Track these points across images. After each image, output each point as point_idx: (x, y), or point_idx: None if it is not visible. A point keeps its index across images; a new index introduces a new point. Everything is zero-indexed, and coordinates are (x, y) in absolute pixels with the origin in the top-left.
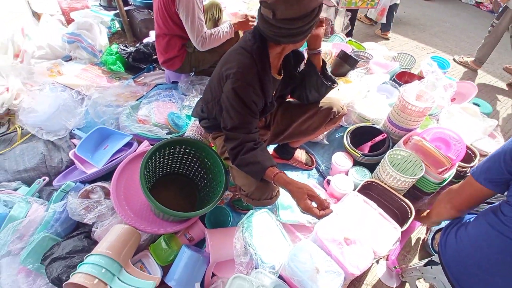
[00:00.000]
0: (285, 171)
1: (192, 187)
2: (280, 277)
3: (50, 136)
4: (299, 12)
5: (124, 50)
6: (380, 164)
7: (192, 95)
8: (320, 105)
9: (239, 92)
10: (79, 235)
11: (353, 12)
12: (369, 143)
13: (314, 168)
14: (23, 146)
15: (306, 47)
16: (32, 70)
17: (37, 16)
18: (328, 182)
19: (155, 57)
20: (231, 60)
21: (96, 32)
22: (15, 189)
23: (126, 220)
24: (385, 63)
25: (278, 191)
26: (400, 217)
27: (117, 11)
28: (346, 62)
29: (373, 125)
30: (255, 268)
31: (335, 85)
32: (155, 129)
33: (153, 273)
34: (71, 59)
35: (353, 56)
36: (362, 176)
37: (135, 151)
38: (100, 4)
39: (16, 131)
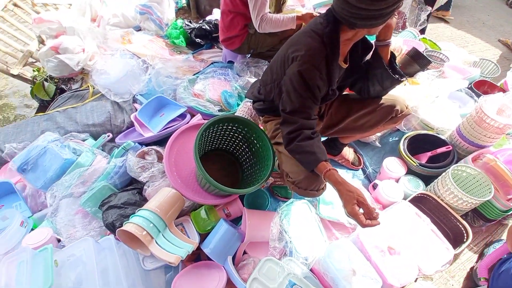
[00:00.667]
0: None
1: (235, 166)
2: (311, 271)
3: (117, 98)
4: None
5: (188, 25)
6: (440, 178)
7: (246, 77)
8: (381, 101)
9: (304, 75)
10: (132, 190)
11: (431, 5)
12: (429, 154)
13: (360, 169)
14: (93, 103)
15: (374, 39)
16: (107, 35)
17: None
18: (374, 186)
19: (215, 35)
20: (299, 43)
21: (165, 6)
22: (83, 140)
23: (174, 185)
24: (463, 68)
25: (325, 184)
26: (452, 238)
27: None
28: (416, 61)
29: (437, 135)
30: (287, 256)
31: (403, 79)
32: (208, 104)
33: (192, 238)
34: (140, 30)
35: (426, 56)
36: (415, 186)
37: (187, 122)
38: None
39: (88, 89)
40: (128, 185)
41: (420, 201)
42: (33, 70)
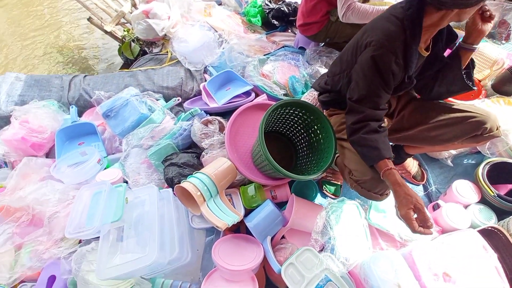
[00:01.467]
0: None
1: (290, 151)
2: (348, 273)
3: (191, 66)
4: None
5: (267, 5)
6: None
7: (316, 65)
8: (468, 113)
9: (378, 60)
10: (192, 153)
11: None
12: (511, 186)
13: (421, 185)
14: (169, 68)
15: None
16: (191, 6)
17: None
18: (435, 207)
19: (292, 18)
20: (375, 28)
21: None
22: (157, 99)
23: (231, 157)
24: None
25: (390, 190)
26: None
27: None
28: None
29: None
30: (327, 252)
31: (474, 88)
32: (274, 86)
33: (238, 210)
34: (220, 4)
35: None
36: (486, 218)
37: (251, 100)
38: None
39: (167, 54)
40: (188, 148)
41: (488, 235)
42: (124, 30)
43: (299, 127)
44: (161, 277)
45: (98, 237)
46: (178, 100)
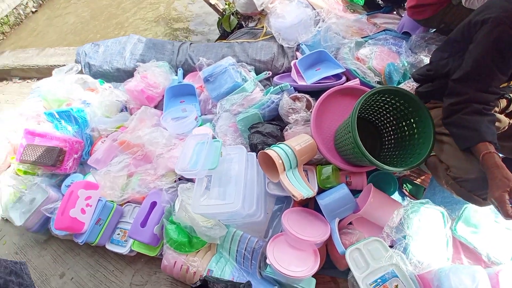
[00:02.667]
0: None
1: (375, 141)
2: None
3: (284, 42)
4: None
5: None
6: None
7: (421, 54)
8: None
9: (496, 37)
10: (276, 126)
11: None
12: None
13: None
14: (263, 42)
15: None
16: None
17: None
18: None
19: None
20: (491, 6)
21: None
22: (249, 71)
23: (314, 135)
24: None
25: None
26: None
27: None
28: None
29: None
30: (397, 249)
31: None
32: (368, 72)
33: (312, 186)
34: None
35: None
36: None
37: (342, 84)
38: None
39: (262, 29)
40: (272, 120)
41: None
42: (225, 4)
43: (391, 118)
44: (233, 227)
45: (192, 180)
46: (269, 74)
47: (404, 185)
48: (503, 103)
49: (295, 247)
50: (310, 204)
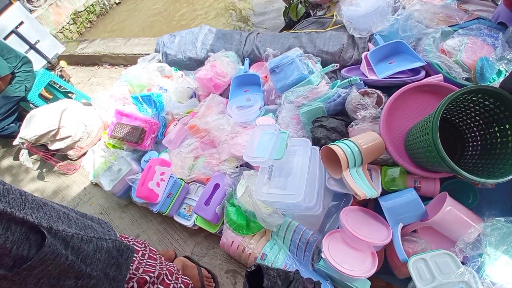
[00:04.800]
0: None
1: (455, 145)
2: None
3: (355, 32)
4: None
5: None
6: None
7: None
8: None
9: None
10: (341, 121)
11: None
12: None
13: None
14: (332, 32)
15: None
16: None
17: None
18: None
19: None
20: None
21: None
22: (316, 63)
23: (383, 134)
24: None
25: None
26: None
27: None
28: None
29: None
30: (469, 267)
31: None
32: (455, 67)
33: (376, 186)
34: None
35: None
36: None
37: (420, 79)
38: None
39: (331, 18)
40: (336, 115)
41: None
42: None
43: (480, 121)
44: (289, 217)
45: (254, 167)
46: (336, 66)
47: None
48: None
49: (351, 246)
50: (369, 205)
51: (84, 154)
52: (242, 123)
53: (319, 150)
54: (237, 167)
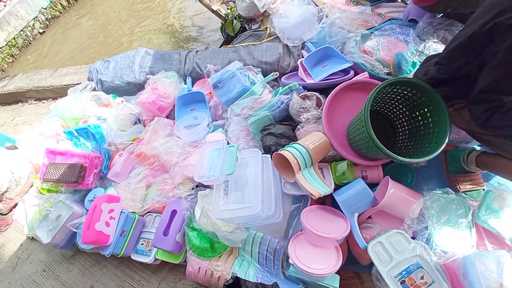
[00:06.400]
0: None
1: (388, 134)
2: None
3: (289, 42)
4: None
5: None
6: None
7: (430, 41)
8: None
9: None
10: (288, 126)
11: None
12: None
13: None
14: (268, 43)
15: None
16: None
17: None
18: None
19: None
20: (510, 6)
21: None
22: (256, 73)
23: (327, 132)
24: None
25: None
26: None
27: None
28: None
29: None
30: (419, 240)
31: None
32: (377, 64)
33: (328, 183)
34: None
35: None
36: None
37: (350, 78)
38: None
39: (266, 30)
40: (283, 120)
41: None
42: (227, 8)
43: (404, 108)
44: (253, 229)
45: (209, 186)
46: (276, 74)
47: (464, 194)
48: None
49: (316, 245)
50: (327, 201)
51: (16, 205)
52: (192, 142)
53: (271, 157)
54: (192, 188)
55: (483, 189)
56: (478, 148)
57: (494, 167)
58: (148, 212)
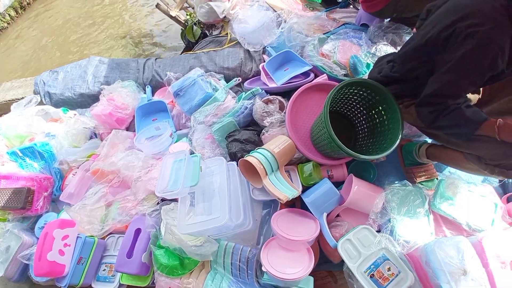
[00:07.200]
0: None
1: (350, 133)
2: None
3: (250, 47)
4: None
5: None
6: None
7: (381, 43)
8: None
9: (480, 59)
10: (252, 131)
11: None
12: None
13: None
14: (229, 49)
15: None
16: None
17: None
18: (509, 198)
19: None
20: (476, 12)
21: None
22: (218, 80)
23: (291, 135)
24: None
25: None
26: None
27: None
28: None
29: None
30: (384, 233)
31: None
32: (335, 66)
33: (296, 185)
34: None
35: None
36: None
37: (311, 81)
38: None
39: (226, 36)
40: (247, 126)
41: None
42: (186, 14)
43: (361, 108)
44: (224, 240)
45: (175, 199)
46: (239, 80)
47: (421, 185)
48: None
49: (288, 249)
50: (296, 204)
51: None
52: (155, 154)
53: (237, 164)
54: (158, 203)
55: (437, 179)
56: (429, 141)
57: (442, 158)
58: (110, 233)
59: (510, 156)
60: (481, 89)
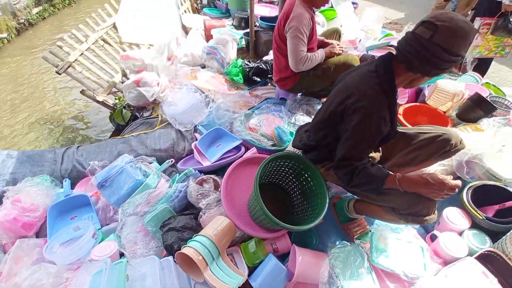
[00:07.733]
0: None
1: (285, 201)
2: None
3: (181, 127)
4: (455, 47)
5: (247, 65)
6: (509, 234)
7: (298, 114)
8: (433, 134)
9: (369, 127)
10: (189, 215)
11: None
12: (497, 207)
13: None
14: (161, 130)
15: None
16: (178, 72)
17: (185, 29)
18: (432, 238)
19: (270, 75)
20: (359, 92)
21: (229, 48)
22: (150, 163)
23: (229, 214)
24: None
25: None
26: None
27: (246, 30)
28: (480, 107)
29: (505, 187)
30: None
31: None
32: (262, 138)
33: (241, 269)
34: (204, 67)
35: (490, 101)
36: (480, 242)
37: (242, 154)
38: (232, 24)
39: (157, 117)
40: (184, 209)
41: (486, 260)
42: (115, 98)
43: (290, 177)
44: None
45: None
46: (172, 161)
47: (358, 241)
48: None
49: None
50: (247, 287)
51: None
52: (72, 264)
53: (173, 258)
54: None
55: (370, 231)
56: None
57: (367, 212)
58: None
59: (415, 204)
60: (380, 148)
